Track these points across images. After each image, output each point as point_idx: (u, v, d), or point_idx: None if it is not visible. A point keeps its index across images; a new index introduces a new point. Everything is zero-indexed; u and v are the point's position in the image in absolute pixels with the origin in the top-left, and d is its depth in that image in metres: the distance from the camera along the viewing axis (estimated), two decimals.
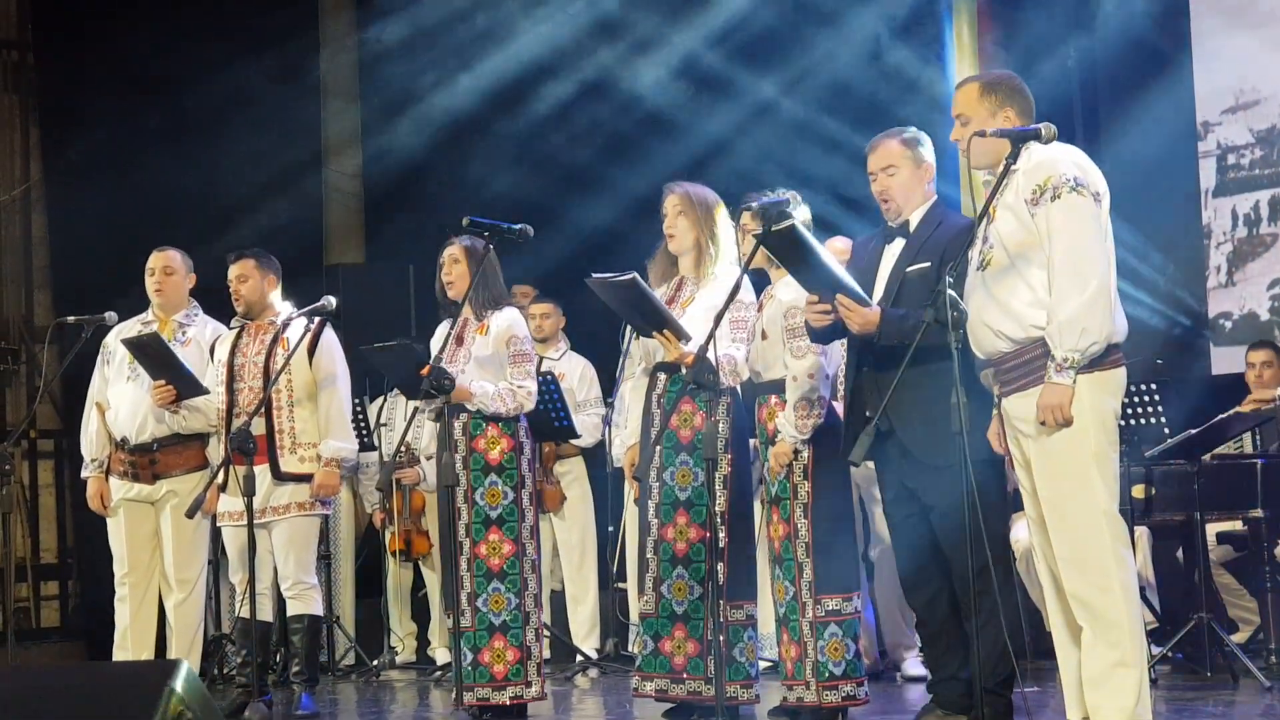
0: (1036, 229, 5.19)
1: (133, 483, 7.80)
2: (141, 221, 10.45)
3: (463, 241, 7.16)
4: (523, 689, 6.95)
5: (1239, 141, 10.33)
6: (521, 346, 7.08)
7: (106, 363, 7.97)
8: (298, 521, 7.64)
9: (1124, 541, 5.23)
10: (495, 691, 6.92)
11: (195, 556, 7.86)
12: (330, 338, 7.76)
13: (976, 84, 5.54)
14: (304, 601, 7.69)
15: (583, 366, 9.72)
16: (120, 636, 7.87)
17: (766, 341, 6.44)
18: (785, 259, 5.95)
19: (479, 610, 6.93)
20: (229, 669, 8.96)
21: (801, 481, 6.36)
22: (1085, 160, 5.30)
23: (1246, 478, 7.69)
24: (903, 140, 6.01)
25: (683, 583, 6.60)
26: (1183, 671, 7.92)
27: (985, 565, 5.32)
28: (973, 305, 5.36)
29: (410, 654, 10.18)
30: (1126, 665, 5.13)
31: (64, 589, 11.67)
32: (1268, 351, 8.97)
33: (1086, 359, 5.12)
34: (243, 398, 7.63)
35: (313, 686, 7.81)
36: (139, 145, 11.05)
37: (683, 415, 6.65)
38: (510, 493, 6.99)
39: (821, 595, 6.33)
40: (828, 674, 6.33)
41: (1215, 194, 10.44)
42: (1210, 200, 10.46)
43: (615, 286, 6.49)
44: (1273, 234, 10.20)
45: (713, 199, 6.79)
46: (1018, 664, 5.62)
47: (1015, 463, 5.40)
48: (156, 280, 7.92)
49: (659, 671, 6.65)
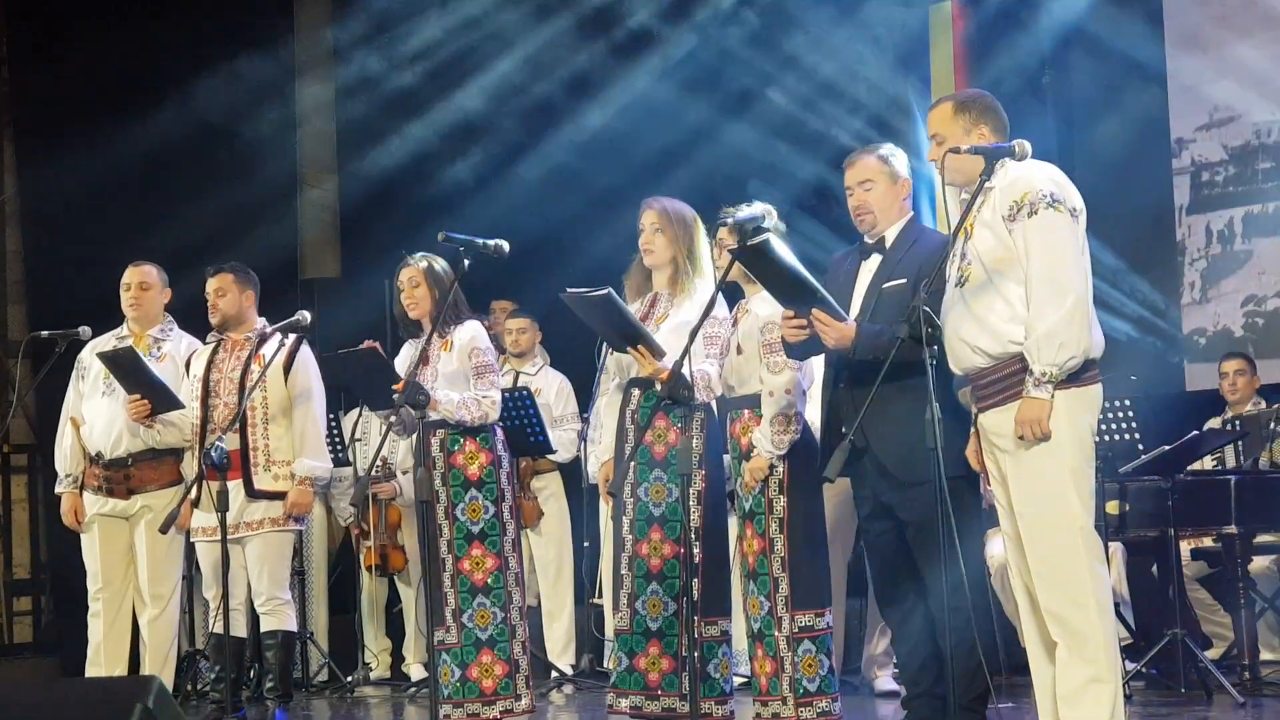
0: (1014, 245, 5.21)
1: (107, 498, 7.78)
2: (117, 236, 10.43)
3: (419, 263, 7.16)
4: (512, 702, 6.96)
5: (1213, 158, 10.37)
6: (484, 358, 7.08)
7: (81, 378, 7.95)
8: (271, 537, 7.62)
9: (1099, 557, 5.25)
10: (485, 706, 6.92)
11: (169, 572, 7.84)
12: (306, 354, 7.74)
13: (950, 103, 5.57)
14: (278, 617, 7.67)
15: (559, 382, 9.71)
16: (94, 652, 7.84)
17: (741, 356, 6.45)
18: (760, 274, 5.95)
19: (465, 626, 6.92)
20: (203, 685, 8.92)
21: (777, 496, 6.37)
22: (1062, 177, 5.32)
23: (1220, 494, 7.71)
24: (879, 156, 6.04)
25: (657, 598, 6.59)
26: (1157, 687, 7.93)
27: (960, 581, 5.32)
28: (950, 321, 5.37)
29: (385, 670, 10.14)
30: (1101, 681, 5.15)
31: (37, 604, 11.62)
32: (1240, 361, 9.05)
33: (1064, 373, 5.14)
34: (218, 413, 7.62)
35: (286, 702, 7.79)
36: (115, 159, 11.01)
37: (657, 431, 6.64)
38: (491, 507, 6.99)
39: (796, 611, 6.34)
40: (802, 690, 6.33)
41: (1189, 211, 10.48)
42: (1184, 217, 10.50)
43: (590, 301, 6.49)
44: (1247, 250, 10.24)
45: (690, 215, 6.79)
46: (992, 680, 5.62)
47: (991, 478, 5.42)
48: (132, 295, 7.91)
49: (634, 688, 6.64)
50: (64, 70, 11.24)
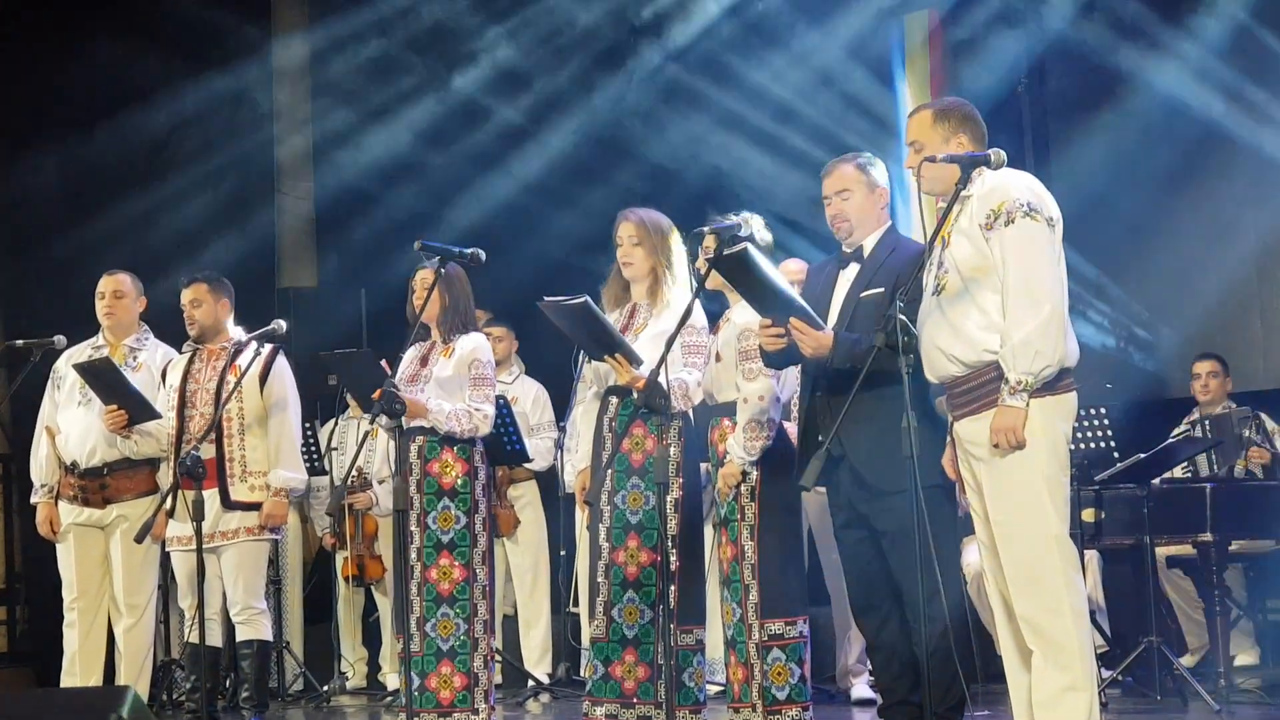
0: (990, 253, 5.22)
1: (82, 507, 7.77)
2: (92, 244, 10.41)
3: (432, 266, 7.16)
4: (469, 715, 6.92)
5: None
6: (483, 370, 7.07)
7: (57, 387, 7.94)
8: (246, 546, 7.61)
9: (1074, 565, 5.26)
10: (441, 718, 6.89)
11: (145, 581, 7.82)
12: (282, 365, 7.74)
13: (929, 111, 5.58)
14: (253, 626, 7.66)
15: (536, 390, 9.71)
16: (69, 662, 7.83)
17: (720, 364, 6.46)
18: (738, 283, 5.96)
19: (427, 635, 6.91)
20: (178, 694, 8.90)
21: (749, 503, 6.38)
22: (1038, 186, 5.34)
23: (1196, 501, 7.73)
24: (856, 164, 6.04)
25: (633, 606, 6.59)
26: (1133, 695, 7.95)
27: (936, 590, 5.33)
28: (926, 329, 5.38)
29: (361, 679, 10.14)
30: (1077, 689, 5.15)
31: (12, 614, 11.58)
32: (1212, 362, 9.08)
33: (1039, 382, 5.15)
34: (193, 423, 7.60)
35: (262, 712, 7.78)
36: (89, 167, 11.00)
37: (634, 439, 6.64)
38: (463, 518, 6.97)
39: (765, 619, 6.35)
40: (771, 698, 6.34)
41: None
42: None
43: (567, 310, 6.49)
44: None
45: (666, 225, 6.80)
46: (968, 688, 5.64)
47: (966, 486, 5.42)
48: (107, 304, 7.89)
49: (609, 696, 6.63)
50: (38, 77, 11.22)
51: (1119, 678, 7.86)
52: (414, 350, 7.14)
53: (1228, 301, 9.91)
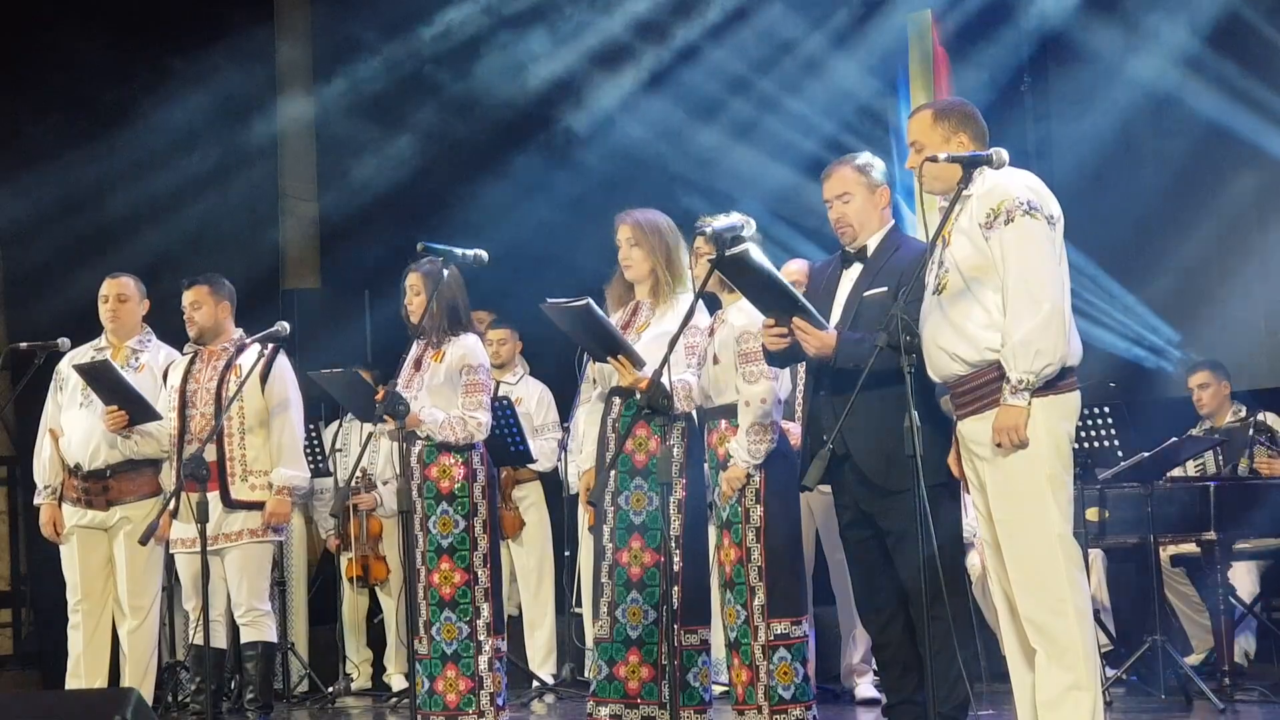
0: (990, 252, 5.22)
1: (86, 509, 7.77)
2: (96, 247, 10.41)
3: (421, 268, 7.15)
4: (475, 719, 6.93)
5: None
6: (475, 376, 7.06)
7: (60, 389, 7.94)
8: (250, 548, 7.61)
9: (1078, 564, 5.26)
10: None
11: (149, 583, 7.82)
12: (283, 365, 7.74)
13: (930, 111, 5.58)
14: (258, 628, 7.67)
15: (540, 391, 9.71)
16: (73, 664, 7.82)
17: (718, 366, 6.45)
18: (741, 284, 5.95)
19: (433, 639, 6.93)
20: (183, 696, 8.91)
21: (754, 505, 6.38)
22: (1039, 184, 5.33)
23: (1200, 500, 7.73)
24: (856, 166, 6.03)
25: (637, 607, 6.60)
26: (1137, 694, 7.95)
27: (940, 589, 5.33)
28: (928, 329, 5.38)
29: (366, 680, 10.14)
30: (1081, 688, 5.15)
31: (17, 616, 11.60)
32: (1204, 374, 8.86)
33: (1041, 380, 5.15)
34: (195, 424, 7.61)
35: (267, 714, 7.78)
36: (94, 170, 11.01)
37: (637, 440, 6.65)
38: (462, 521, 6.98)
39: (771, 619, 6.35)
40: (777, 698, 6.34)
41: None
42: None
43: (570, 312, 6.50)
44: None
45: (665, 224, 6.80)
46: (972, 688, 5.64)
47: (970, 486, 5.42)
48: (110, 307, 7.90)
49: (613, 696, 6.64)
50: (43, 80, 11.22)
51: (1123, 676, 7.86)
52: (411, 353, 7.14)
53: (1232, 298, 9.89)
